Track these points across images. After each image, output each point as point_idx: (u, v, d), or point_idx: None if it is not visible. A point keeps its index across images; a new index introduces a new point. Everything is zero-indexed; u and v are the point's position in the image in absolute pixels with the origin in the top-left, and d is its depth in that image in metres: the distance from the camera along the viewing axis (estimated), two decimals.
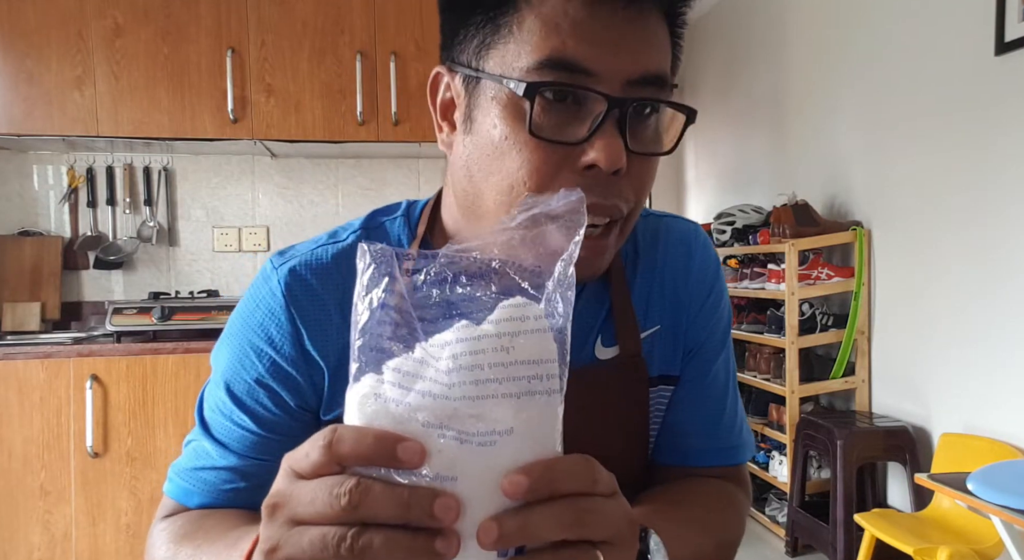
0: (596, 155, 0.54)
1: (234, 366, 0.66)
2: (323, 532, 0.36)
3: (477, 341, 0.37)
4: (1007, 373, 2.42)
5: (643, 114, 0.57)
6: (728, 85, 4.55)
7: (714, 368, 0.76)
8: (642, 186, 0.59)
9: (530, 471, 0.36)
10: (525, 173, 0.55)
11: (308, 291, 0.65)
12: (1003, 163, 2.43)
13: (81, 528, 2.33)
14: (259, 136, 2.67)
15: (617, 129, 0.54)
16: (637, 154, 0.56)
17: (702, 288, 0.75)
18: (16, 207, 2.88)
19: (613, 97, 0.54)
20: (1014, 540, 1.86)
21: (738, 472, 0.79)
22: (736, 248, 3.61)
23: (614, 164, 0.54)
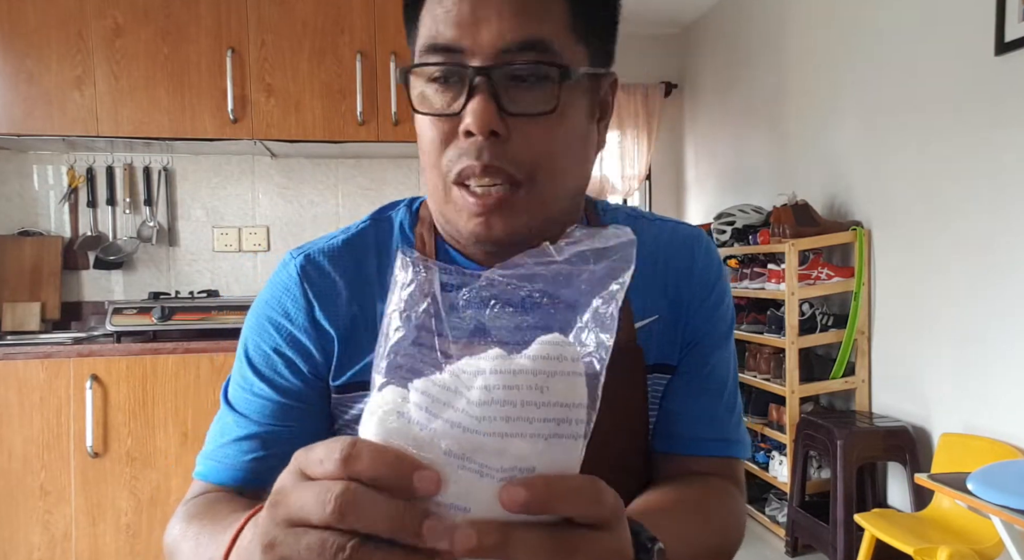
0: (468, 120, 0.59)
1: (254, 339, 0.73)
2: (322, 538, 0.35)
3: (513, 376, 0.37)
4: (1007, 373, 2.42)
5: (519, 80, 0.61)
6: (728, 85, 4.55)
7: (712, 361, 0.78)
8: (541, 148, 0.62)
9: (530, 485, 0.35)
10: (424, 148, 0.64)
11: (320, 271, 0.72)
12: (1003, 163, 2.43)
13: (81, 528, 2.33)
14: (259, 136, 2.67)
15: (490, 96, 0.59)
16: (516, 115, 0.60)
17: (704, 287, 0.78)
18: (16, 207, 2.88)
19: (476, 67, 0.60)
20: (1014, 540, 1.86)
21: (734, 468, 0.79)
22: (736, 248, 3.61)
23: (484, 126, 0.59)
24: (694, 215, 5.11)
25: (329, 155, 3.02)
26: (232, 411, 0.72)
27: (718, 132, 4.73)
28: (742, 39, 4.34)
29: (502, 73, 0.60)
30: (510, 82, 0.60)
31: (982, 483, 1.79)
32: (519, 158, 0.61)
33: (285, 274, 0.73)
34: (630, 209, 0.84)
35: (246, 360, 0.73)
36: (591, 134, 0.68)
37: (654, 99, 5.22)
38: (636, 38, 5.24)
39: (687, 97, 5.24)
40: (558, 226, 0.68)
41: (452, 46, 0.60)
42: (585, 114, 0.66)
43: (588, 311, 0.39)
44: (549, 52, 0.60)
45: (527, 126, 0.61)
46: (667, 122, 5.30)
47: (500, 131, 0.60)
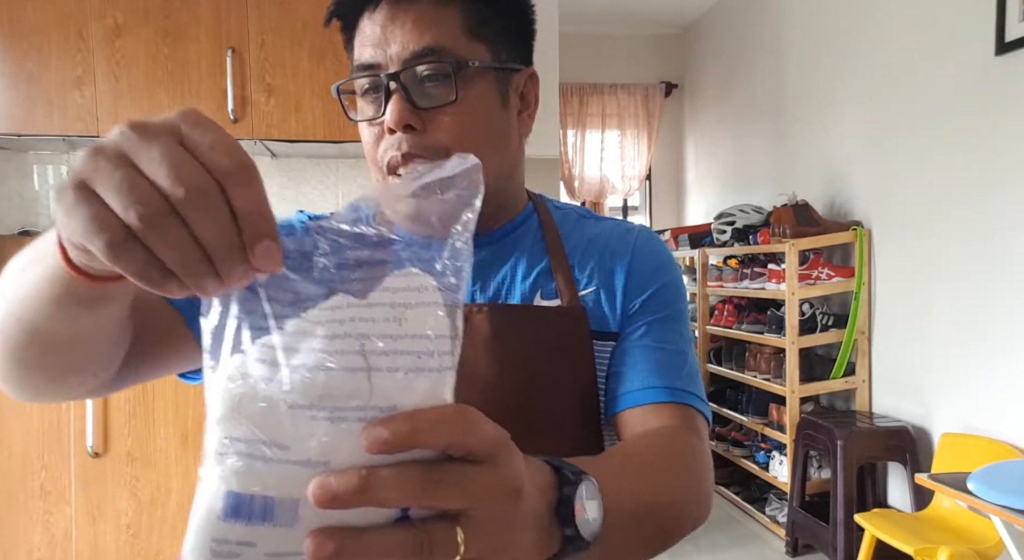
0: (387, 118, 0.71)
1: None
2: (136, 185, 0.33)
3: (368, 308, 0.34)
4: (1007, 373, 2.42)
5: (425, 80, 0.72)
6: (728, 85, 4.55)
7: (663, 335, 0.80)
8: (451, 134, 0.72)
9: (391, 422, 0.33)
10: (366, 150, 0.77)
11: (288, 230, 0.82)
12: (1003, 163, 2.43)
13: (81, 528, 2.33)
14: (259, 136, 2.67)
15: (402, 96, 0.71)
16: (427, 109, 0.72)
17: (645, 265, 0.83)
18: (16, 207, 2.88)
19: (387, 74, 0.72)
20: (1014, 540, 1.86)
21: (690, 420, 0.75)
22: (736, 248, 3.61)
23: (399, 121, 0.70)
24: (694, 215, 5.11)
25: (329, 155, 3.02)
26: None
27: (718, 132, 4.73)
28: (742, 39, 4.34)
29: (408, 75, 0.72)
30: (419, 84, 0.72)
31: (982, 483, 1.79)
32: (434, 145, 0.72)
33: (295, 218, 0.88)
34: (582, 209, 0.92)
35: None
36: (507, 121, 0.78)
37: (654, 99, 5.23)
38: (636, 38, 5.25)
39: (687, 97, 5.24)
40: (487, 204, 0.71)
41: (371, 63, 0.73)
42: (495, 104, 0.76)
43: (444, 243, 0.37)
44: (444, 53, 0.72)
45: (437, 117, 0.72)
46: (667, 122, 5.30)
47: (415, 124, 0.71)
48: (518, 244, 0.84)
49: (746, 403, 3.57)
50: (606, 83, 5.17)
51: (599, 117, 5.20)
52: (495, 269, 0.82)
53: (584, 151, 5.22)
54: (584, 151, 5.22)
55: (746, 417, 3.55)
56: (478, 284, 0.82)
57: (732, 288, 3.67)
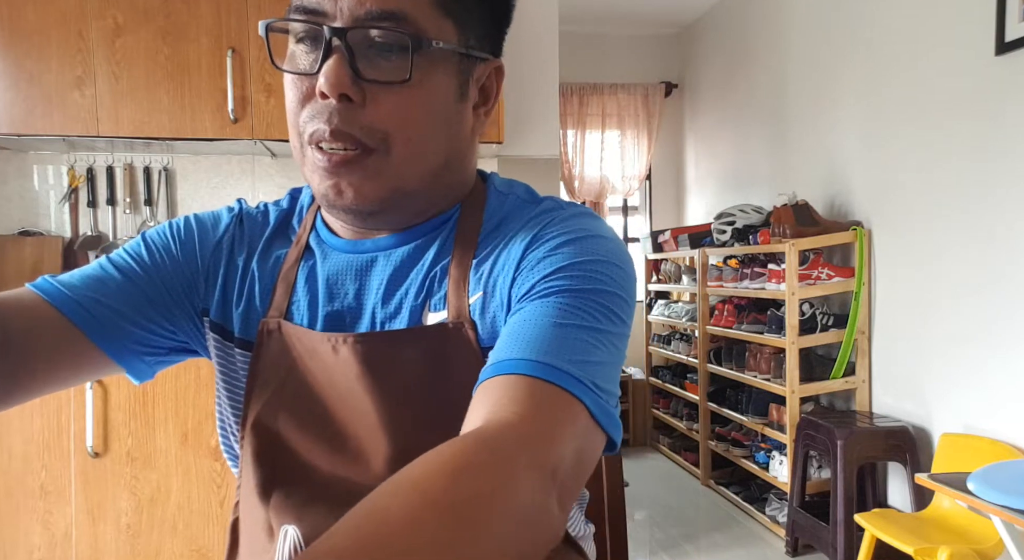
0: (321, 80, 0.60)
1: (168, 222, 0.77)
2: None
3: None
4: (1007, 373, 2.42)
5: (377, 48, 0.61)
6: (728, 85, 4.55)
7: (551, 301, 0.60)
8: (394, 117, 0.62)
9: None
10: (288, 108, 0.65)
11: (249, 219, 0.78)
12: (1003, 162, 2.43)
13: (81, 528, 2.33)
14: (259, 136, 2.67)
15: (344, 59, 0.60)
16: (370, 81, 0.61)
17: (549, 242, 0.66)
18: (16, 207, 2.88)
19: (332, 27, 0.60)
20: (1014, 540, 1.86)
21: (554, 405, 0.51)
22: (736, 248, 3.61)
23: (335, 89, 0.60)
24: (694, 215, 5.11)
25: None
26: (105, 260, 0.74)
27: (718, 132, 4.73)
28: (742, 39, 4.34)
29: (358, 36, 0.61)
30: (368, 49, 0.61)
31: (982, 483, 1.79)
32: (371, 124, 0.62)
33: (225, 209, 0.80)
34: (526, 193, 0.75)
35: (146, 232, 0.77)
36: (460, 115, 0.68)
37: (654, 99, 5.23)
38: (636, 38, 5.25)
39: (687, 97, 5.24)
40: (417, 202, 0.69)
41: (316, 8, 0.61)
42: (451, 93, 0.66)
43: None
44: (407, 23, 0.61)
45: (381, 93, 0.62)
46: (667, 122, 5.30)
47: (353, 96, 0.61)
48: (430, 244, 0.70)
49: (746, 403, 3.57)
50: (606, 83, 5.17)
51: (599, 117, 5.20)
52: (403, 277, 0.69)
53: (584, 151, 5.22)
54: (584, 151, 5.22)
55: (746, 417, 3.55)
56: (379, 296, 0.69)
57: (732, 288, 3.67)
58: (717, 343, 3.99)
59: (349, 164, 0.63)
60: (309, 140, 0.63)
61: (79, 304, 0.69)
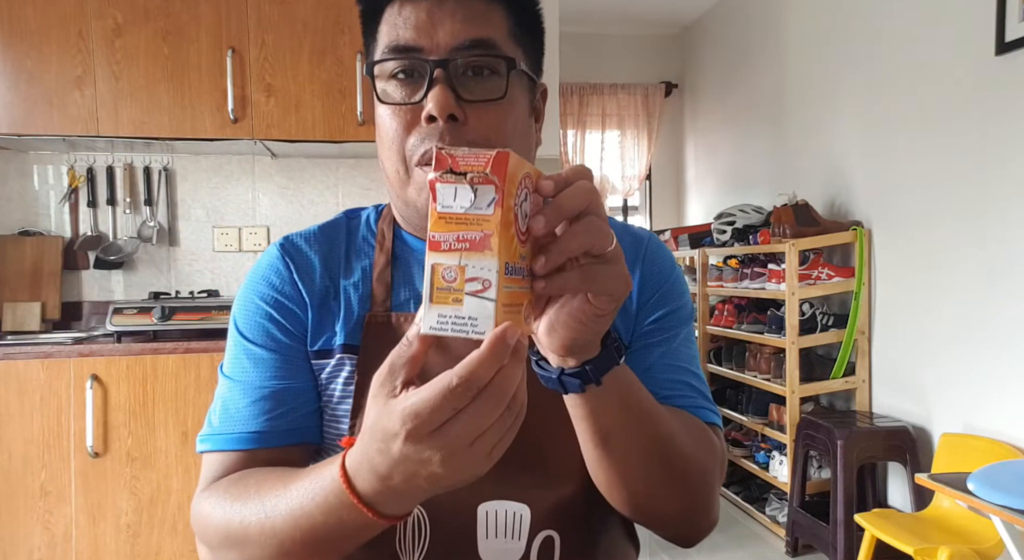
0: (430, 106, 0.68)
1: (245, 316, 0.80)
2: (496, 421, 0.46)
3: None
4: (1007, 373, 2.42)
5: (472, 73, 0.70)
6: (728, 85, 4.55)
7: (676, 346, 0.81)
8: (493, 130, 0.70)
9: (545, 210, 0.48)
10: (386, 137, 0.72)
11: (298, 249, 0.82)
12: (1003, 163, 2.43)
13: (81, 528, 2.33)
14: (259, 136, 2.67)
15: (447, 85, 0.68)
16: (471, 102, 0.69)
17: (659, 280, 0.82)
18: (16, 207, 2.88)
19: (434, 60, 0.69)
20: (1014, 540, 1.86)
21: (713, 430, 0.78)
22: (736, 248, 3.61)
23: (444, 110, 0.67)
24: (694, 215, 5.11)
25: (329, 155, 3.02)
26: (235, 382, 0.77)
27: (718, 132, 4.73)
28: (742, 39, 4.34)
29: (458, 65, 0.69)
30: (464, 75, 0.70)
31: (982, 483, 1.79)
32: (475, 139, 0.69)
33: (268, 255, 0.83)
34: None
35: (240, 335, 0.79)
36: (531, 129, 0.78)
37: (654, 99, 5.23)
38: (636, 38, 5.25)
39: (687, 97, 5.24)
40: None
41: (412, 46, 0.70)
42: (527, 109, 0.76)
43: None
44: (495, 49, 0.70)
45: (480, 111, 0.70)
46: (667, 122, 5.30)
47: (458, 115, 0.68)
48: None
49: (746, 403, 3.57)
50: (606, 83, 5.17)
51: (599, 117, 5.20)
52: None
53: (584, 151, 5.22)
54: (584, 151, 5.22)
55: (746, 417, 3.55)
56: None
57: (732, 288, 3.67)
58: (717, 343, 3.99)
59: None
60: (419, 161, 0.70)
61: (305, 429, 0.77)
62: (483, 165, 0.44)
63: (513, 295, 0.46)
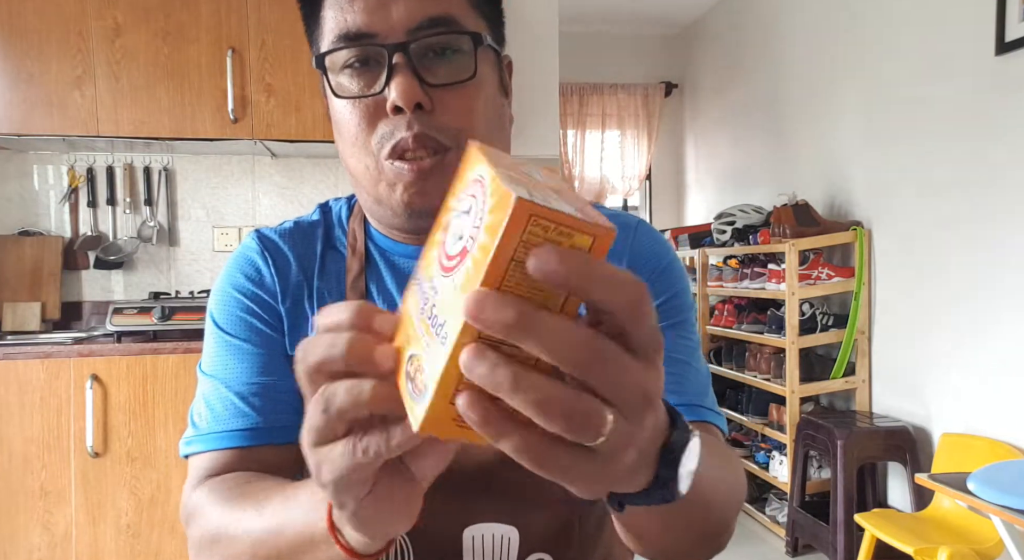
0: (394, 96, 0.62)
1: (223, 310, 0.75)
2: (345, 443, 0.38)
3: None
4: (1007, 373, 2.42)
5: (434, 54, 0.64)
6: (728, 85, 4.55)
7: (673, 340, 0.74)
8: (464, 114, 0.65)
9: (567, 257, 0.30)
10: (347, 133, 0.66)
11: (274, 245, 0.77)
12: (1003, 163, 2.43)
13: (81, 528, 2.33)
14: (259, 136, 2.67)
15: (409, 71, 0.62)
16: (437, 86, 0.64)
17: (649, 268, 0.76)
18: (16, 207, 2.88)
19: (393, 45, 0.62)
20: (1014, 540, 1.86)
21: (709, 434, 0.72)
22: (736, 248, 3.61)
23: (409, 100, 0.62)
24: (694, 215, 5.11)
25: (329, 155, 3.02)
26: (218, 379, 0.72)
27: (718, 132, 4.73)
28: (742, 39, 4.34)
29: (418, 47, 0.63)
30: (426, 58, 0.64)
31: (982, 483, 1.79)
32: (445, 125, 0.64)
33: (244, 247, 0.78)
34: None
35: (219, 330, 0.75)
36: (504, 107, 0.72)
37: (654, 99, 5.23)
38: (636, 38, 5.24)
39: (687, 97, 5.24)
40: None
41: (364, 32, 0.63)
42: (497, 86, 0.70)
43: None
44: (456, 26, 0.64)
45: (448, 95, 0.64)
46: (667, 122, 5.30)
47: (425, 103, 0.63)
48: None
49: (746, 403, 3.57)
50: (606, 83, 5.17)
51: (599, 117, 5.20)
52: None
53: (584, 151, 5.22)
54: (584, 151, 5.22)
55: (746, 417, 3.55)
56: None
57: (732, 288, 3.67)
58: (717, 343, 3.99)
59: (436, 167, 0.65)
60: (389, 155, 0.64)
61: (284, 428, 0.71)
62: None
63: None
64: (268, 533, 0.55)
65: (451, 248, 0.34)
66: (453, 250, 0.34)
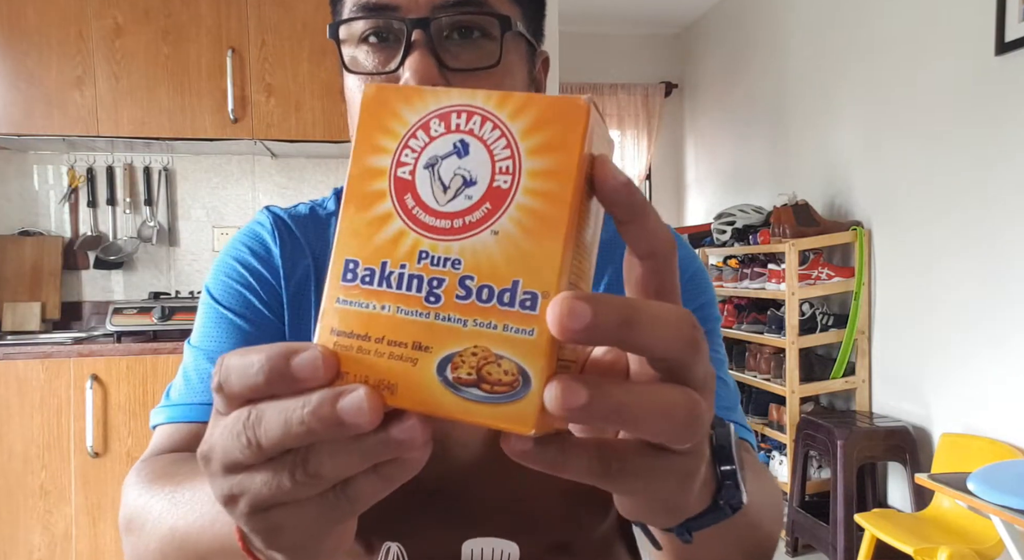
0: (407, 76, 0.56)
1: (221, 280, 0.70)
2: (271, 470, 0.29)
3: None
4: (1007, 373, 2.42)
5: (459, 35, 0.58)
6: (728, 85, 4.55)
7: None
8: None
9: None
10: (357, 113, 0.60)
11: (287, 226, 0.72)
12: (1003, 163, 2.43)
13: (81, 528, 2.33)
14: (259, 136, 2.67)
15: (428, 50, 0.56)
16: (457, 71, 0.58)
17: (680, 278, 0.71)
18: (16, 207, 2.88)
19: (412, 19, 0.56)
20: (1014, 540, 1.86)
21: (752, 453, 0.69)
22: (736, 248, 3.61)
23: (423, 80, 0.56)
24: (694, 215, 5.11)
25: (329, 155, 3.02)
26: (200, 350, 0.68)
27: (718, 132, 4.73)
28: (742, 39, 4.34)
29: (440, 25, 0.57)
30: (449, 38, 0.58)
31: (982, 483, 1.79)
32: None
33: (255, 222, 0.74)
34: None
35: (212, 300, 0.70)
36: None
37: (654, 99, 5.23)
38: (636, 38, 5.24)
39: (687, 97, 5.24)
40: None
41: (386, 3, 0.58)
42: (525, 81, 0.64)
43: None
44: (486, 6, 0.58)
45: (468, 82, 0.58)
46: (667, 122, 5.30)
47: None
48: None
49: (746, 403, 3.57)
50: (606, 83, 5.17)
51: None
52: None
53: None
54: None
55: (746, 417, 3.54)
56: None
57: (732, 288, 3.67)
58: None
59: None
60: None
61: None
62: None
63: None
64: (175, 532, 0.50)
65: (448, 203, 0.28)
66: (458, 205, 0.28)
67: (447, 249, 0.28)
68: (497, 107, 0.28)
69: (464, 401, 0.27)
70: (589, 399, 0.25)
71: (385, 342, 0.28)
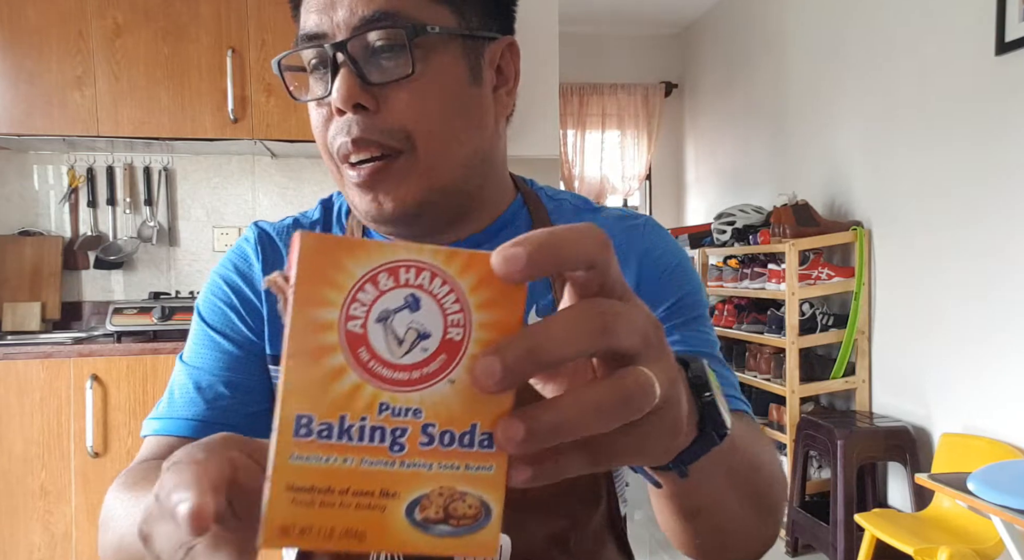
0: (333, 97, 0.61)
1: (209, 299, 0.75)
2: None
3: None
4: (1007, 373, 2.42)
5: (377, 51, 0.62)
6: (728, 85, 4.55)
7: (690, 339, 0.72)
8: (410, 113, 0.62)
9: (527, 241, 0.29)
10: (318, 135, 0.66)
11: (271, 242, 0.76)
12: (1003, 163, 2.43)
13: (81, 528, 2.33)
14: (259, 136, 2.67)
15: (350, 70, 0.61)
16: (379, 85, 0.61)
17: (659, 266, 0.74)
18: (16, 207, 2.88)
19: (332, 44, 0.61)
20: (1014, 540, 1.86)
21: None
22: (736, 248, 3.61)
23: (347, 100, 0.60)
24: (694, 215, 5.11)
25: None
26: (188, 367, 0.73)
27: (718, 132, 4.73)
28: (742, 39, 4.34)
29: (357, 45, 0.61)
30: (371, 56, 0.62)
31: (982, 483, 1.79)
32: (390, 127, 0.62)
33: (244, 239, 0.78)
34: (577, 199, 0.80)
35: (201, 319, 0.75)
36: (478, 99, 0.66)
37: (654, 99, 5.23)
38: (636, 38, 5.25)
39: (687, 97, 5.24)
40: (458, 197, 0.68)
41: (317, 32, 0.62)
42: (463, 78, 0.65)
43: None
44: (399, 18, 0.61)
45: (391, 94, 0.62)
46: (667, 122, 5.30)
47: (367, 103, 0.61)
48: None
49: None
50: (606, 83, 5.17)
51: (599, 117, 5.20)
52: None
53: (584, 151, 5.22)
54: (584, 151, 5.22)
55: None
56: None
57: (732, 288, 3.67)
58: None
59: (380, 173, 0.63)
60: (340, 159, 0.64)
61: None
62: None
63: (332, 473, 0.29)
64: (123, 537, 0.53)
65: (405, 356, 0.29)
66: (414, 357, 0.29)
67: (407, 400, 0.29)
68: (445, 264, 0.29)
69: (433, 538, 0.29)
70: (527, 430, 0.28)
71: (350, 493, 0.29)
